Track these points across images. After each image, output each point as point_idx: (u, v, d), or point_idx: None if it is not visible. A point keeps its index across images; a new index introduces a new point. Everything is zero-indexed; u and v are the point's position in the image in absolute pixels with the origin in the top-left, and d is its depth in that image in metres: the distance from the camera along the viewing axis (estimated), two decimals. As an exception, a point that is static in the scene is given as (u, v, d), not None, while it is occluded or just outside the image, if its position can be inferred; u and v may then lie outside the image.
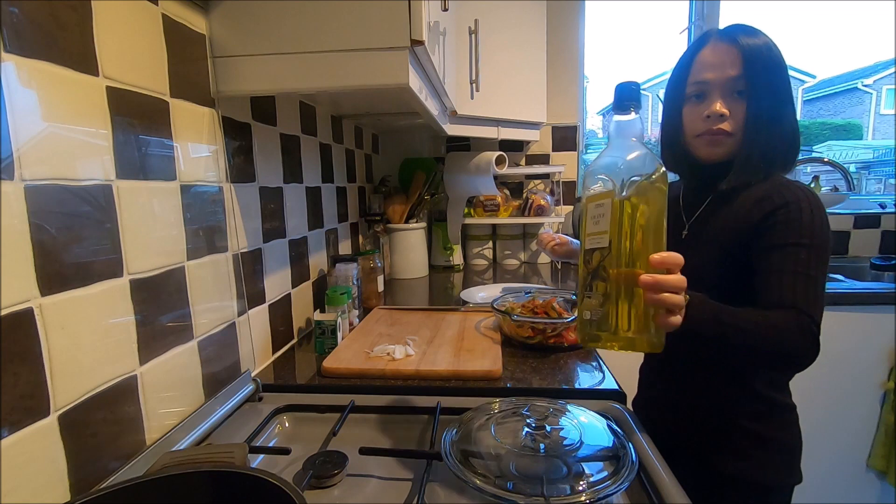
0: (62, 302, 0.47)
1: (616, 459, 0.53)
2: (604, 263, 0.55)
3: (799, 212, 0.69)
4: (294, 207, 1.06)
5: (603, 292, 0.54)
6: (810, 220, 0.68)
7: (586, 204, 0.58)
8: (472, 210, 1.85)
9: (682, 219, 0.83)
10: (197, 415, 0.67)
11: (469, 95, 1.30)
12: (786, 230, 0.69)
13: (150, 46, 0.62)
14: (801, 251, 0.67)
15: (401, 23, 0.68)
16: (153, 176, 0.61)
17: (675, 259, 0.54)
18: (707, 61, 0.74)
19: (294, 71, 0.72)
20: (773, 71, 0.72)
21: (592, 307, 0.56)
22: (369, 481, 0.59)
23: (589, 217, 0.57)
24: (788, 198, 0.70)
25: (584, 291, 0.57)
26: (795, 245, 0.68)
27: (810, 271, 0.67)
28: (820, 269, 0.67)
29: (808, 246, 0.67)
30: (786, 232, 0.69)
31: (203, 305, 0.71)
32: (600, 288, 0.55)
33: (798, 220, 0.68)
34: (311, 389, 0.83)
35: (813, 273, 0.67)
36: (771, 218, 0.70)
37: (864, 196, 2.32)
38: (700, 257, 0.74)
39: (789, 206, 0.70)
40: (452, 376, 0.83)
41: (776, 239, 0.69)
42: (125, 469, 0.54)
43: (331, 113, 1.30)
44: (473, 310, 1.20)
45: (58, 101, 0.48)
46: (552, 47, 1.74)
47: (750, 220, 0.72)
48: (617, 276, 0.54)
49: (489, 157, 1.55)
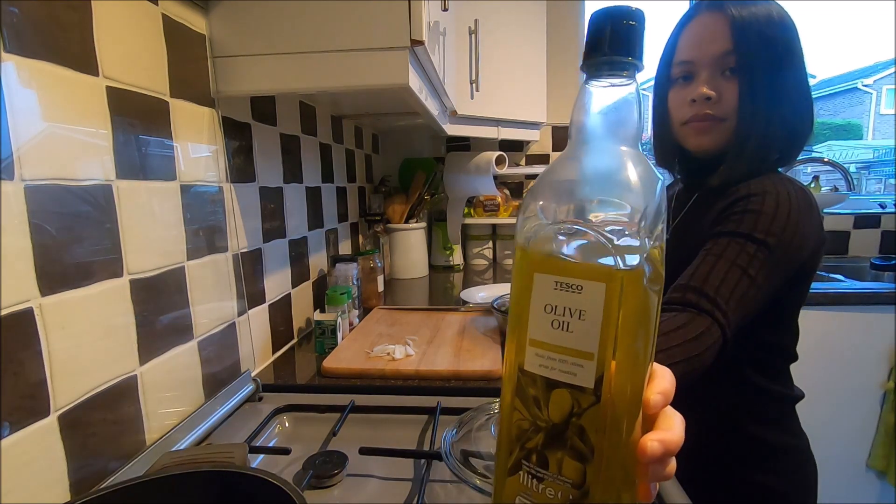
0: (62, 302, 0.47)
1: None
2: (581, 420, 0.25)
3: (762, 204, 0.58)
4: (294, 207, 1.06)
5: (577, 478, 0.25)
6: (773, 213, 0.58)
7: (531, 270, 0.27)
8: (472, 210, 1.85)
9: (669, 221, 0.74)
10: (197, 415, 0.67)
11: (469, 95, 1.30)
12: (742, 220, 0.58)
13: (150, 46, 0.62)
14: (750, 245, 0.57)
15: (401, 23, 0.68)
16: (153, 176, 0.61)
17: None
18: (692, 37, 0.64)
19: (294, 71, 0.72)
20: (772, 42, 0.60)
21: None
22: (369, 481, 0.59)
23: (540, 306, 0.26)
24: (759, 189, 0.60)
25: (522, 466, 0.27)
26: (747, 237, 0.57)
27: (749, 269, 0.55)
28: (762, 272, 0.56)
29: (761, 243, 0.56)
30: (742, 222, 0.58)
31: (203, 305, 0.71)
32: (570, 469, 0.25)
33: (758, 213, 0.58)
34: (311, 389, 0.83)
35: (752, 272, 0.55)
36: (732, 206, 0.61)
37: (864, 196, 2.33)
38: (673, 265, 0.66)
39: (753, 196, 0.60)
40: (452, 376, 0.83)
41: (730, 226, 0.59)
42: (125, 469, 0.54)
43: (331, 113, 1.30)
44: (473, 310, 1.20)
45: (58, 101, 0.48)
46: (552, 47, 1.74)
47: (715, 212, 0.62)
48: (612, 447, 0.25)
49: (489, 157, 1.55)
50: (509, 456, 0.27)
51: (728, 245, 0.57)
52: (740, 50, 0.61)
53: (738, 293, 0.54)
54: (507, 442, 0.28)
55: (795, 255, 0.58)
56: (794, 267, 0.59)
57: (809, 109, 0.64)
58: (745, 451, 0.69)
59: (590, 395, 0.24)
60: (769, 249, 0.56)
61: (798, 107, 0.63)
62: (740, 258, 0.56)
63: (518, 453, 0.27)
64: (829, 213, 1.93)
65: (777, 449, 0.69)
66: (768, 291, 0.57)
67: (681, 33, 0.67)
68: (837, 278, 1.61)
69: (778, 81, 0.61)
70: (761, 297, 0.57)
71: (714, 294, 0.54)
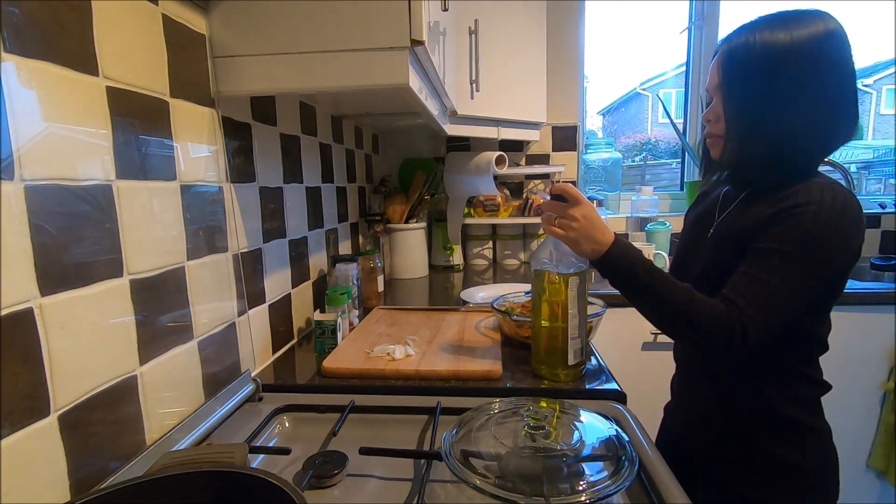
0: (62, 302, 0.47)
1: (616, 459, 0.53)
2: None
3: (802, 216, 0.65)
4: (294, 207, 1.06)
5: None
6: (807, 227, 0.64)
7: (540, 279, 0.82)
8: (472, 210, 1.85)
9: (714, 218, 0.81)
10: (197, 415, 0.67)
11: (469, 95, 1.30)
12: (777, 234, 0.66)
13: (150, 46, 0.62)
14: (774, 257, 0.65)
15: (401, 23, 0.68)
16: (153, 176, 0.61)
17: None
18: (711, 70, 0.76)
19: (294, 71, 0.72)
20: (752, 69, 0.68)
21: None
22: (369, 481, 0.59)
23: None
24: (801, 199, 0.66)
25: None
26: (773, 251, 0.65)
27: (772, 279, 0.64)
28: (786, 280, 0.64)
29: (784, 254, 0.65)
30: (774, 236, 0.66)
31: (203, 305, 0.71)
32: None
33: (794, 225, 0.65)
34: (311, 389, 0.83)
35: (774, 281, 0.64)
36: (776, 217, 0.67)
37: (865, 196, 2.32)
38: (715, 258, 0.74)
39: (797, 208, 0.65)
40: (452, 376, 0.83)
41: (762, 240, 0.67)
42: (125, 469, 0.54)
43: (331, 113, 1.30)
44: (473, 310, 1.20)
45: (58, 101, 0.48)
46: (552, 47, 1.74)
47: (761, 220, 0.69)
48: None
49: (489, 157, 1.55)
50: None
51: (758, 256, 0.67)
52: (723, 79, 0.71)
53: (762, 299, 0.65)
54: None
55: (818, 259, 0.65)
56: (824, 272, 0.66)
57: (824, 118, 0.68)
58: (775, 427, 0.74)
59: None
60: (793, 258, 0.64)
61: (797, 119, 0.67)
62: (763, 270, 0.65)
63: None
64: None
65: (806, 430, 0.74)
66: (800, 297, 0.66)
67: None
68: (837, 278, 1.61)
69: (760, 102, 0.68)
70: (790, 303, 0.66)
71: (743, 302, 0.65)
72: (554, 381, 0.81)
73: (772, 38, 0.67)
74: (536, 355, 0.85)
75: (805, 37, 0.66)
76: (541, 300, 0.80)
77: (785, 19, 0.67)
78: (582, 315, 0.80)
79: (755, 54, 0.68)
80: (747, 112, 0.70)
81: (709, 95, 0.77)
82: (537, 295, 0.82)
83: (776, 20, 0.68)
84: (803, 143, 0.68)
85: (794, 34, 0.66)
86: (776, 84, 0.67)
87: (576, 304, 0.78)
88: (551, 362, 0.82)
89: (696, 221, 0.85)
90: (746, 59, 0.68)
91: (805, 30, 0.66)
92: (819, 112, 0.67)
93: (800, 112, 0.67)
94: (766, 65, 0.67)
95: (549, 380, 0.82)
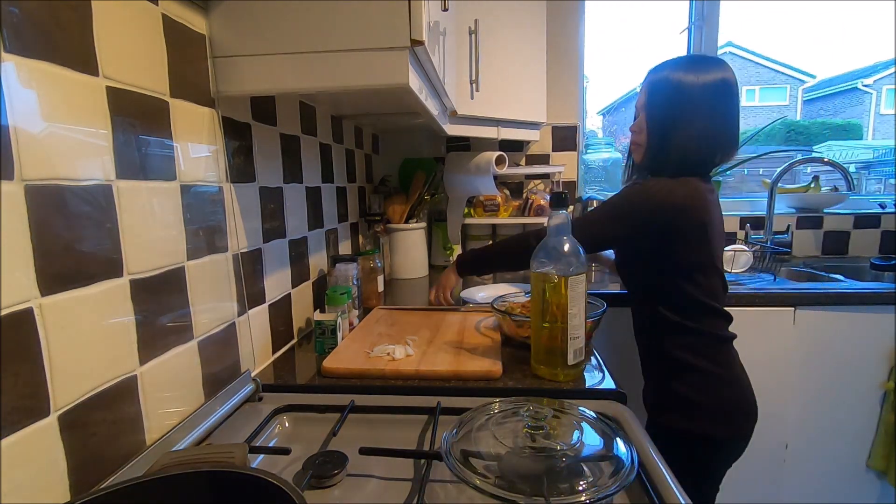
0: (62, 302, 0.47)
1: (616, 459, 0.53)
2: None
3: (629, 188, 0.96)
4: (294, 207, 1.06)
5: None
6: (626, 192, 0.96)
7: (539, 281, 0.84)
8: (472, 210, 1.85)
9: None
10: (197, 415, 0.67)
11: (469, 95, 1.30)
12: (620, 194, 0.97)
13: (150, 46, 0.62)
14: (601, 204, 0.98)
15: (401, 23, 0.68)
16: (153, 176, 0.61)
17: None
18: (640, 92, 1.01)
19: (294, 71, 0.72)
20: (670, 97, 0.94)
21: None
22: (369, 481, 0.59)
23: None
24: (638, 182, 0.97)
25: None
26: (602, 202, 0.97)
27: (589, 215, 0.99)
28: (601, 213, 0.98)
29: (606, 202, 0.97)
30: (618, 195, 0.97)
31: (203, 305, 0.71)
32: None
33: (623, 192, 0.96)
34: (311, 389, 0.83)
35: (590, 216, 0.99)
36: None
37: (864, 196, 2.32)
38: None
39: (637, 185, 0.96)
40: (452, 376, 0.83)
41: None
42: (125, 469, 0.54)
43: (331, 113, 1.30)
44: (473, 310, 1.20)
45: (58, 101, 0.48)
46: (552, 47, 1.74)
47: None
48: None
49: (489, 157, 1.55)
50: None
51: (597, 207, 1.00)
52: (647, 101, 0.98)
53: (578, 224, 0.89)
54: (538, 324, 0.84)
55: (619, 209, 0.96)
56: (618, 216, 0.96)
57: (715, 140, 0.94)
58: (664, 366, 0.99)
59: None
60: (610, 205, 0.97)
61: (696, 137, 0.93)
62: (591, 212, 1.00)
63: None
64: (829, 213, 1.93)
65: (689, 367, 0.94)
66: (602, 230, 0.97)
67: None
68: (837, 278, 1.61)
69: (670, 122, 0.94)
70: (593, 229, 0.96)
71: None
72: (553, 382, 0.81)
73: (684, 79, 0.93)
74: (536, 355, 0.85)
75: (706, 81, 0.92)
76: (540, 300, 0.81)
77: (695, 63, 0.94)
78: (581, 315, 0.80)
79: (670, 89, 0.94)
80: (661, 130, 0.96)
81: (637, 111, 1.01)
82: (537, 295, 0.82)
83: (689, 63, 0.94)
84: (694, 154, 0.94)
85: (700, 78, 0.92)
86: (682, 112, 0.93)
87: (575, 305, 0.78)
88: (551, 363, 0.82)
89: None
90: (664, 92, 0.95)
91: (708, 76, 0.92)
92: (707, 135, 0.93)
93: (694, 133, 0.93)
94: (676, 98, 0.93)
95: (549, 380, 0.82)
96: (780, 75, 11.87)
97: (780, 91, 11.78)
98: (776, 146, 4.76)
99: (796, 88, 11.89)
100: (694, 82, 0.92)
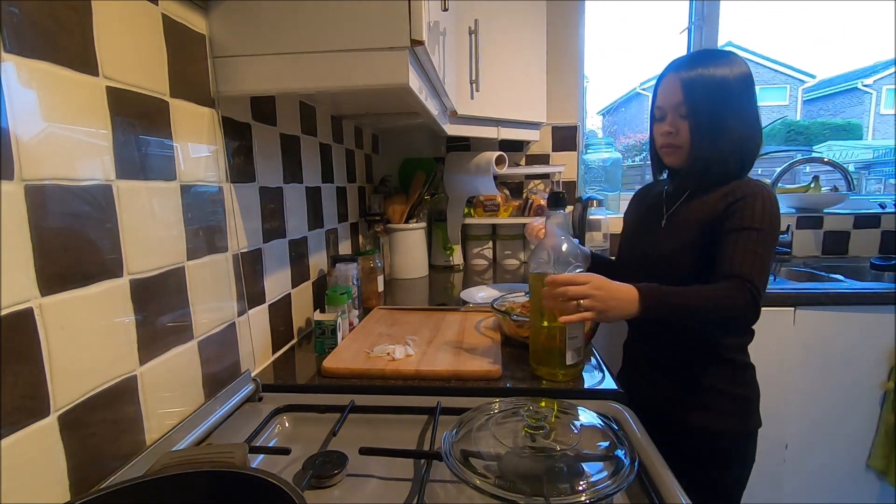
0: (62, 302, 0.47)
1: (616, 459, 0.53)
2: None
3: (753, 203, 0.84)
4: (294, 207, 1.06)
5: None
6: (762, 210, 0.84)
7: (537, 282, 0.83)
8: (472, 210, 1.85)
9: (662, 211, 0.98)
10: (197, 415, 0.67)
11: (469, 95, 1.30)
12: (741, 217, 0.84)
13: (150, 46, 0.62)
14: (752, 234, 0.83)
15: (401, 23, 0.68)
16: (153, 176, 0.61)
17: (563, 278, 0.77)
18: (661, 91, 0.93)
19: (294, 71, 0.72)
20: (711, 94, 0.87)
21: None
22: (369, 481, 0.59)
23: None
24: (746, 192, 0.86)
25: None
26: (748, 229, 0.83)
27: (758, 249, 0.82)
28: (766, 248, 0.83)
29: (758, 230, 0.83)
30: (742, 218, 0.84)
31: (203, 305, 0.71)
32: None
33: (752, 209, 0.84)
34: (311, 389, 0.83)
35: (760, 251, 0.82)
36: (731, 207, 0.86)
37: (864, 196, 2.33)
38: (674, 243, 0.92)
39: (746, 198, 0.85)
40: (452, 376, 0.83)
41: (734, 224, 0.84)
42: (125, 469, 0.54)
43: (331, 113, 1.30)
44: (473, 310, 1.20)
45: (58, 101, 0.48)
46: (552, 47, 1.74)
47: (716, 210, 0.88)
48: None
49: (489, 157, 1.55)
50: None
51: (740, 235, 0.83)
52: (687, 101, 0.88)
53: (757, 266, 0.81)
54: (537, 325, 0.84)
55: (776, 233, 0.86)
56: (776, 240, 0.87)
57: (754, 134, 0.90)
58: (710, 365, 0.93)
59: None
60: (764, 233, 0.83)
61: (742, 133, 0.88)
62: (749, 244, 0.82)
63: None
64: (829, 213, 1.93)
65: (733, 362, 0.93)
66: (771, 261, 0.84)
67: (657, 87, 0.95)
68: (837, 278, 1.61)
69: (718, 120, 0.87)
70: (769, 265, 0.84)
71: (742, 271, 0.80)
72: (552, 382, 0.81)
73: (722, 73, 0.87)
74: (535, 355, 0.85)
75: (737, 74, 0.87)
76: (539, 301, 0.81)
77: (720, 57, 0.89)
78: None
79: (712, 85, 0.87)
80: (710, 128, 0.88)
81: (662, 111, 0.93)
82: (536, 296, 0.82)
83: (715, 57, 0.89)
84: (743, 150, 0.90)
85: (733, 71, 0.87)
86: (728, 108, 0.87)
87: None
88: (549, 362, 0.82)
89: (645, 216, 1.02)
90: (706, 89, 0.87)
91: (736, 68, 0.88)
92: (751, 129, 0.89)
93: (743, 128, 0.88)
94: (719, 95, 0.87)
95: (548, 380, 0.82)
96: (780, 75, 11.88)
97: (780, 91, 11.78)
98: (776, 146, 4.76)
99: (796, 88, 11.90)
100: (730, 76, 0.87)
